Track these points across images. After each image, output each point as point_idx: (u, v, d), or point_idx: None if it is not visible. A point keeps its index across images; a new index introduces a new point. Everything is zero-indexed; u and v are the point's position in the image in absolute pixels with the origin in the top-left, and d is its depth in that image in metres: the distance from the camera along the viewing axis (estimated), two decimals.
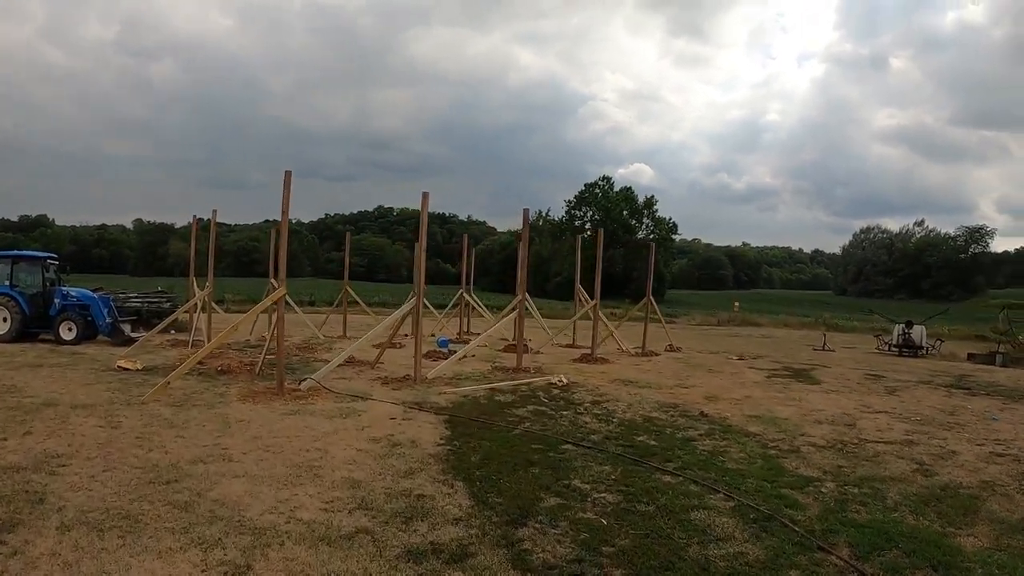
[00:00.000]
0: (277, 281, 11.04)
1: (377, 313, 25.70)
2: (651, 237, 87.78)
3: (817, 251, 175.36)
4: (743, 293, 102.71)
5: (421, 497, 6.01)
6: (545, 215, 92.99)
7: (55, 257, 18.69)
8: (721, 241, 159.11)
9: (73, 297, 17.33)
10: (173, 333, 18.74)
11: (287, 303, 22.49)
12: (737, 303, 52.60)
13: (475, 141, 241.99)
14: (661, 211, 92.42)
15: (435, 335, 22.73)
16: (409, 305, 13.22)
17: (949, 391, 13.88)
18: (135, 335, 17.52)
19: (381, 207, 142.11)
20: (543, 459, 7.34)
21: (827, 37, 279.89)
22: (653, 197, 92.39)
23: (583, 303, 23.06)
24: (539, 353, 18.35)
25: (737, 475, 6.99)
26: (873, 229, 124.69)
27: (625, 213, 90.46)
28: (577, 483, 6.52)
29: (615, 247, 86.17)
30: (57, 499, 5.51)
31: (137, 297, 21.80)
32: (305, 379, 11.55)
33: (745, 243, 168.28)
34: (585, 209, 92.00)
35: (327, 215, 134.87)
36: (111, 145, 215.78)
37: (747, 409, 10.83)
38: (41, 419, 8.28)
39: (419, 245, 12.51)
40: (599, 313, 19.12)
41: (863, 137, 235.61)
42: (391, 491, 6.15)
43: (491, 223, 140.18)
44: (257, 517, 5.32)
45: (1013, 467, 7.82)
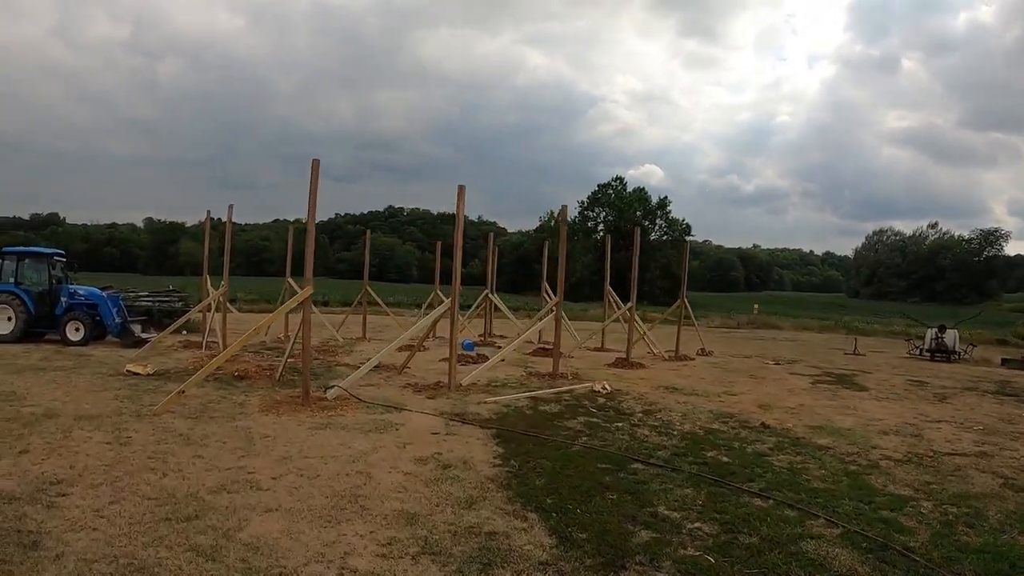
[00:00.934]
0: (302, 280, 10.04)
1: (396, 314, 24.80)
2: (664, 238, 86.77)
3: (828, 253, 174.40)
4: (755, 295, 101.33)
5: (493, 535, 5.06)
6: (557, 216, 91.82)
7: (62, 254, 17.69)
8: (731, 243, 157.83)
9: (81, 296, 16.35)
10: (185, 334, 17.73)
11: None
12: (757, 305, 51.48)
13: (482, 142, 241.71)
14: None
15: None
16: (444, 307, 12.20)
17: (998, 398, 13.68)
18: (146, 336, 16.56)
19: (391, 207, 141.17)
20: (615, 481, 6.58)
21: (837, 39, 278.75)
22: (667, 198, 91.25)
23: (614, 306, 22.21)
24: (571, 357, 17.49)
25: (828, 495, 6.44)
26: (886, 231, 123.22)
27: (639, 214, 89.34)
28: (663, 510, 5.79)
29: (631, 248, 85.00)
30: (55, 542, 4.51)
31: (148, 296, 20.80)
32: (331, 387, 10.57)
33: (756, 245, 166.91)
34: (598, 210, 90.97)
35: (336, 215, 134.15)
36: (121, 144, 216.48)
37: (806, 419, 10.34)
38: (40, 433, 7.30)
39: (456, 243, 11.49)
40: (635, 316, 18.14)
41: (873, 139, 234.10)
42: (456, 528, 5.17)
43: (500, 224, 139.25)
44: (302, 568, 4.32)
45: None
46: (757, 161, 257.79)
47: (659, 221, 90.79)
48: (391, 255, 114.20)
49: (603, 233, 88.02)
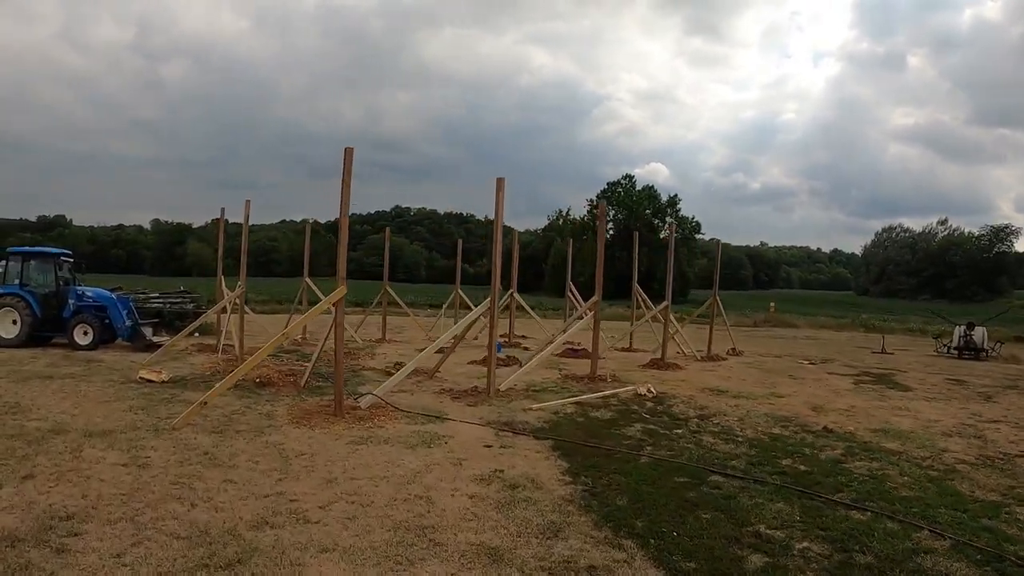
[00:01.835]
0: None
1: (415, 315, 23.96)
2: (675, 236, 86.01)
3: (836, 251, 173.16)
4: (764, 293, 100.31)
5: (594, 570, 4.32)
6: (566, 215, 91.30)
7: (69, 254, 16.77)
8: (738, 241, 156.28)
9: (89, 297, 15.48)
10: (197, 336, 16.79)
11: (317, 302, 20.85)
12: (773, 304, 50.58)
13: (487, 142, 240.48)
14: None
15: (476, 338, 21.16)
16: (482, 307, 11.33)
17: None
18: (157, 340, 15.70)
19: (398, 207, 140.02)
20: (701, 497, 6.03)
21: (842, 36, 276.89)
22: (676, 196, 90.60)
23: (644, 305, 21.40)
24: (601, 358, 16.56)
25: (920, 504, 6.09)
26: (895, 228, 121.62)
27: (648, 212, 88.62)
28: (764, 529, 5.29)
29: (639, 247, 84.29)
30: None
31: (158, 297, 19.96)
32: (364, 395, 9.71)
33: (763, 243, 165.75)
34: (608, 208, 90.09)
35: None
36: (127, 146, 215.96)
37: (864, 421, 9.94)
38: (47, 453, 6.43)
39: (495, 240, 10.61)
40: (669, 316, 17.27)
41: (879, 136, 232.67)
42: (548, 563, 4.38)
43: (507, 224, 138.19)
44: None
45: None
46: (763, 159, 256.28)
47: (669, 219, 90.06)
48: (399, 255, 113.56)
49: (612, 232, 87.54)
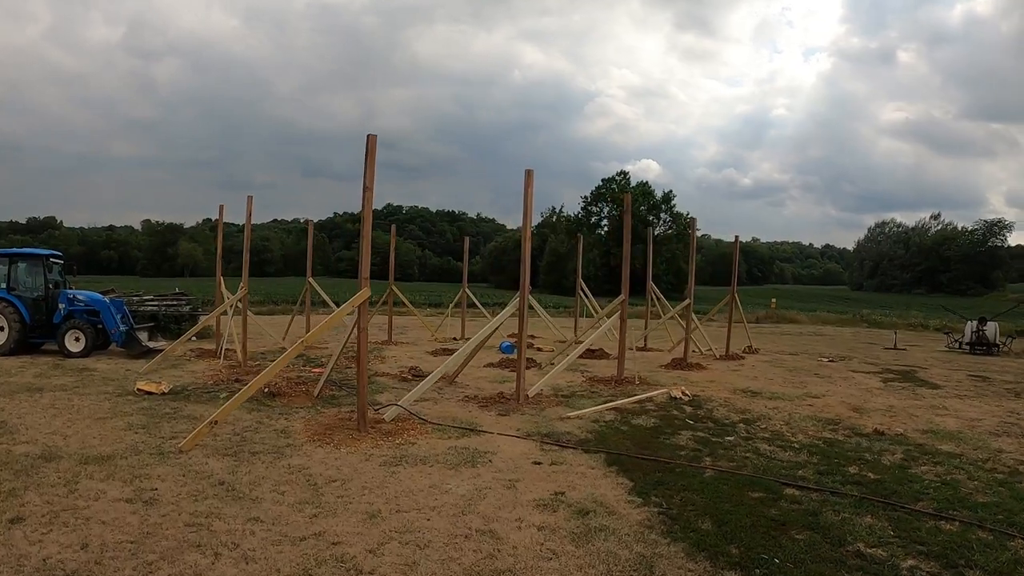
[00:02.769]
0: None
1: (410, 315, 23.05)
2: (669, 232, 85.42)
3: (828, 246, 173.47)
4: (758, 289, 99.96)
5: None
6: (559, 212, 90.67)
7: (59, 255, 15.71)
8: (730, 237, 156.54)
9: (81, 301, 14.50)
10: (195, 340, 15.83)
11: (323, 300, 19.99)
12: (774, 300, 50.08)
13: (479, 139, 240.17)
14: None
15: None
16: (511, 308, 10.53)
17: None
18: (153, 345, 14.78)
19: (390, 205, 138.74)
20: (785, 514, 5.57)
21: (834, 31, 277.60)
22: (671, 192, 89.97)
23: (659, 303, 20.70)
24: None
25: (1001, 510, 5.82)
26: (888, 223, 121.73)
27: (643, 208, 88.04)
28: (863, 548, 4.91)
29: (634, 243, 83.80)
30: None
31: (153, 300, 18.97)
32: (387, 405, 8.90)
33: (755, 238, 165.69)
34: (601, 205, 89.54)
35: (335, 214, 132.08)
36: (118, 146, 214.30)
37: (909, 422, 9.66)
38: (39, 487, 5.54)
39: (524, 236, 9.78)
40: (691, 315, 16.55)
41: (871, 131, 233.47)
42: None
43: (500, 221, 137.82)
44: None
45: None
46: (755, 155, 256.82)
47: (664, 215, 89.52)
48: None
49: (607, 228, 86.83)
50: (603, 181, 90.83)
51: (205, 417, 8.12)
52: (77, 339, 13.99)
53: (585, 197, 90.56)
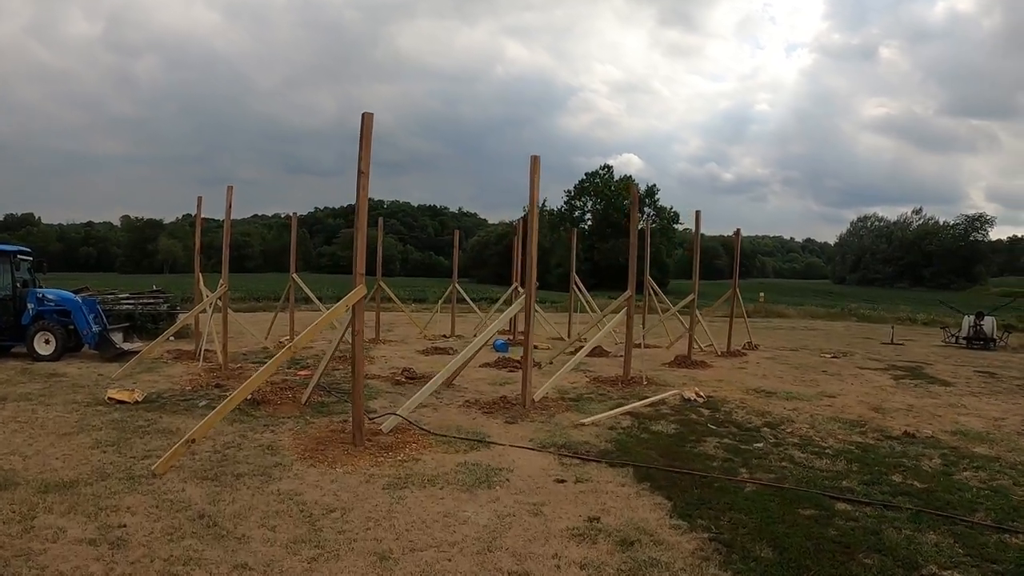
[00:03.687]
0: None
1: (397, 311, 22.26)
2: (653, 226, 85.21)
3: (809, 240, 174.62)
4: (742, 283, 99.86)
5: None
6: (542, 206, 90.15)
7: (28, 251, 14.59)
8: (711, 231, 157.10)
9: (51, 301, 13.55)
10: (173, 340, 14.91)
11: (306, 296, 19.17)
12: (762, 294, 49.81)
13: (461, 134, 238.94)
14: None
15: (475, 335, 19.73)
16: (518, 305, 9.85)
17: None
18: (129, 347, 13.90)
19: (371, 200, 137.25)
20: (844, 534, 5.10)
21: (816, 27, 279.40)
22: (655, 186, 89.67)
23: (656, 298, 20.12)
24: (619, 356, 15.27)
25: None
26: (871, 218, 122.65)
27: (627, 203, 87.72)
28: (935, 570, 4.54)
29: (618, 237, 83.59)
30: None
31: (129, 298, 17.97)
32: (384, 414, 8.20)
33: (736, 232, 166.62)
34: (585, 199, 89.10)
35: (316, 208, 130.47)
36: (97, 142, 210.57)
37: (934, 423, 9.33)
38: None
39: (531, 226, 9.09)
40: (696, 311, 16.00)
41: (852, 127, 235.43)
42: None
43: (482, 215, 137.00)
44: None
45: None
46: (737, 150, 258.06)
47: (647, 209, 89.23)
48: (372, 248, 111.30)
49: (591, 222, 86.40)
50: (586, 175, 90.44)
51: (182, 431, 7.39)
52: (47, 341, 13.08)
53: (568, 191, 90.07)
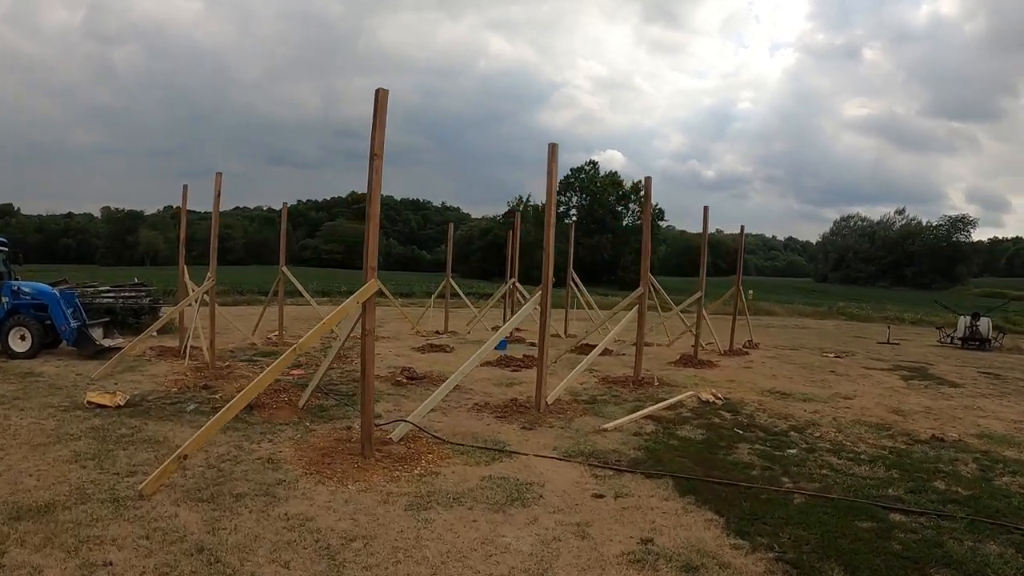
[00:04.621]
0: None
1: (387, 306, 21.58)
2: (638, 223, 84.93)
3: (791, 238, 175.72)
4: (726, 280, 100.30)
5: None
6: (527, 201, 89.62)
7: (3, 242, 13.49)
8: (693, 228, 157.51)
9: (26, 294, 12.68)
10: (156, 335, 14.10)
11: (293, 290, 18.38)
12: (751, 291, 49.68)
13: (445, 128, 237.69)
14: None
15: (469, 332, 19.82)
16: (533, 301, 9.27)
17: None
18: (110, 344, 13.11)
19: (354, 193, 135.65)
20: (909, 548, 4.85)
21: (800, 27, 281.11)
22: (640, 182, 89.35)
23: (657, 295, 19.63)
24: (623, 355, 14.87)
25: None
26: (853, 217, 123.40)
27: (612, 199, 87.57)
28: None
29: (603, 233, 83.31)
30: None
31: (109, 292, 17.10)
32: (394, 421, 7.60)
33: (719, 230, 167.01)
34: (570, 194, 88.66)
35: (299, 201, 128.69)
36: (78, 133, 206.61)
37: (956, 426, 9.21)
38: None
39: (547, 218, 8.51)
40: (703, 310, 15.55)
41: (834, 126, 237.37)
42: None
43: (464, 210, 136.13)
44: None
45: None
46: (719, 147, 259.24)
47: (632, 206, 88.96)
48: (357, 242, 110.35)
49: (576, 217, 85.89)
50: (572, 171, 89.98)
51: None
52: (22, 337, 12.23)
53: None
